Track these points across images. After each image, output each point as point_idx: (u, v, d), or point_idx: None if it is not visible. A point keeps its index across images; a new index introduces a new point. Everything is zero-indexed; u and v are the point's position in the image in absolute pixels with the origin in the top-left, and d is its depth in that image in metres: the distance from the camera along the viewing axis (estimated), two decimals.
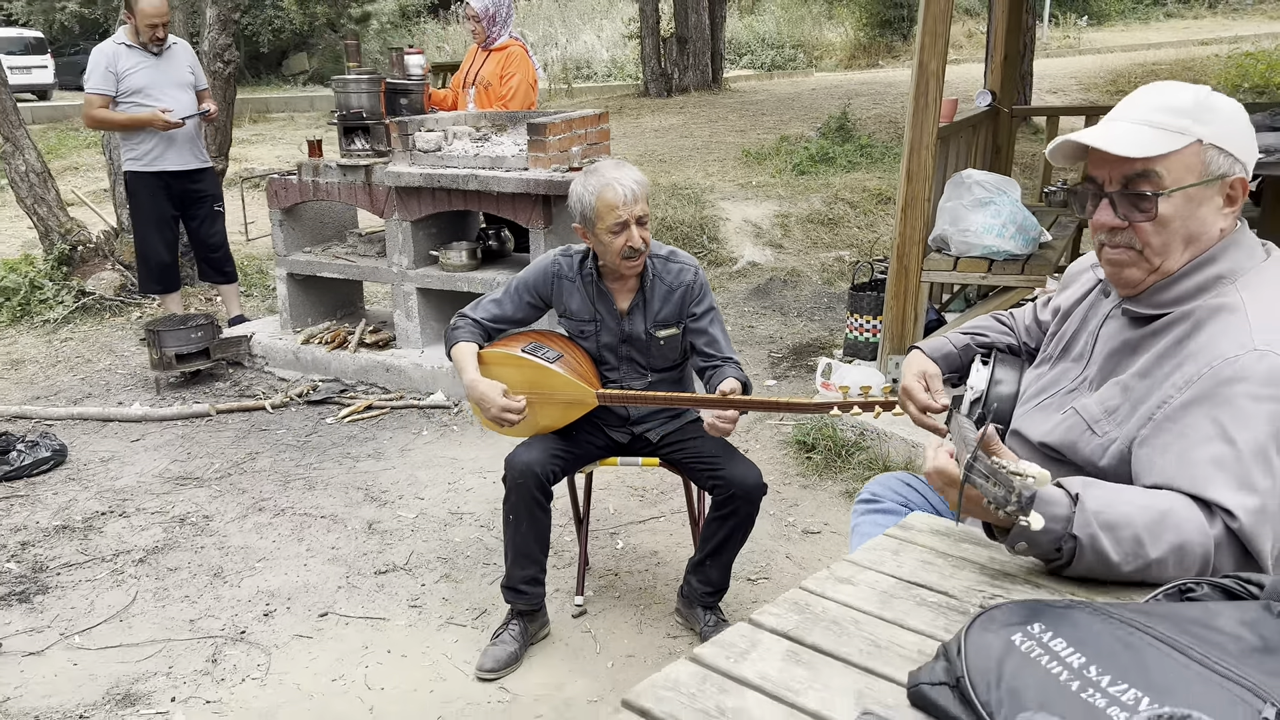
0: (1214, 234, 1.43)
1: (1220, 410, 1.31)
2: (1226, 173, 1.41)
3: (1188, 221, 1.41)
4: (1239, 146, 1.41)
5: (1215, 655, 0.98)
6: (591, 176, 2.50)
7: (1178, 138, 1.39)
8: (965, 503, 1.24)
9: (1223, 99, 1.43)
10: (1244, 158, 1.42)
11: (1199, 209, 1.41)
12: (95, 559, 3.27)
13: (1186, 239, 1.43)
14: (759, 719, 1.02)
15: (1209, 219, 1.42)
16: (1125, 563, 1.23)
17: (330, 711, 2.49)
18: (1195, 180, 1.40)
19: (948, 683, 1.03)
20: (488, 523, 3.46)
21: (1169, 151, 1.39)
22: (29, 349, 5.49)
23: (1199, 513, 1.26)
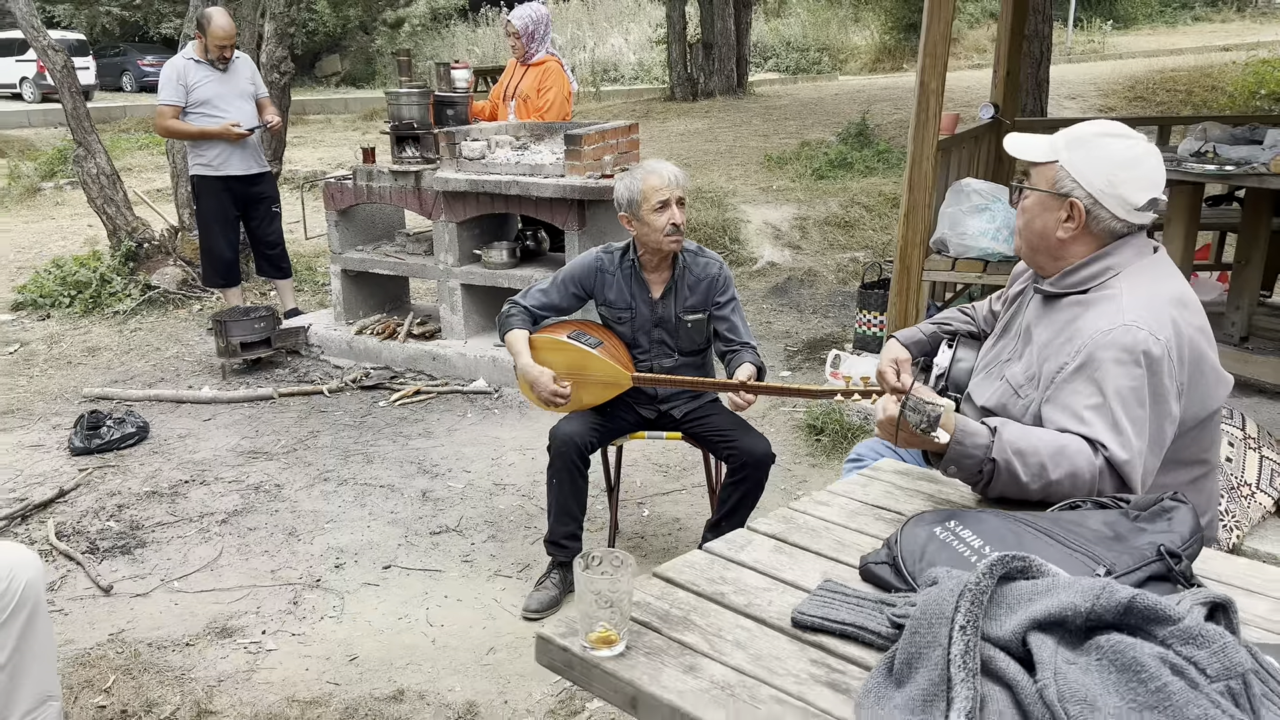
0: (1053, 239, 1.85)
1: (1096, 371, 1.70)
2: (1069, 192, 1.81)
3: (1033, 222, 1.86)
4: (1091, 178, 1.79)
5: (1076, 540, 1.38)
6: (637, 170, 2.96)
7: (1049, 153, 1.81)
8: (902, 434, 1.64)
9: (1117, 146, 1.81)
10: (1094, 188, 1.80)
11: (1042, 213, 1.85)
12: (183, 519, 3.72)
13: (1036, 232, 1.87)
14: (750, 585, 1.43)
15: (1050, 227, 1.85)
16: (1032, 483, 1.62)
17: (399, 643, 2.91)
18: (1045, 189, 1.82)
19: (887, 561, 1.43)
20: (528, 492, 3.87)
21: (1037, 161, 1.82)
22: (102, 338, 5.96)
23: (1087, 448, 1.65)
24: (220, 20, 5.42)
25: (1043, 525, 1.42)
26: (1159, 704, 0.96)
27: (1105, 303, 1.80)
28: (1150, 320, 1.73)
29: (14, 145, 14.35)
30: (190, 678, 2.75)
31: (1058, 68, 18.21)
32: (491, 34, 28.03)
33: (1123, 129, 1.85)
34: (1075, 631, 1.08)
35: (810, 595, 1.38)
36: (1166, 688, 0.96)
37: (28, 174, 10.88)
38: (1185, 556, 1.34)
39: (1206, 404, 1.86)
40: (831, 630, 1.30)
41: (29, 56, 23.55)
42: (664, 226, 2.93)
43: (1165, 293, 1.81)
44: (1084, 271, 1.86)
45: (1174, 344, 1.74)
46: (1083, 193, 1.83)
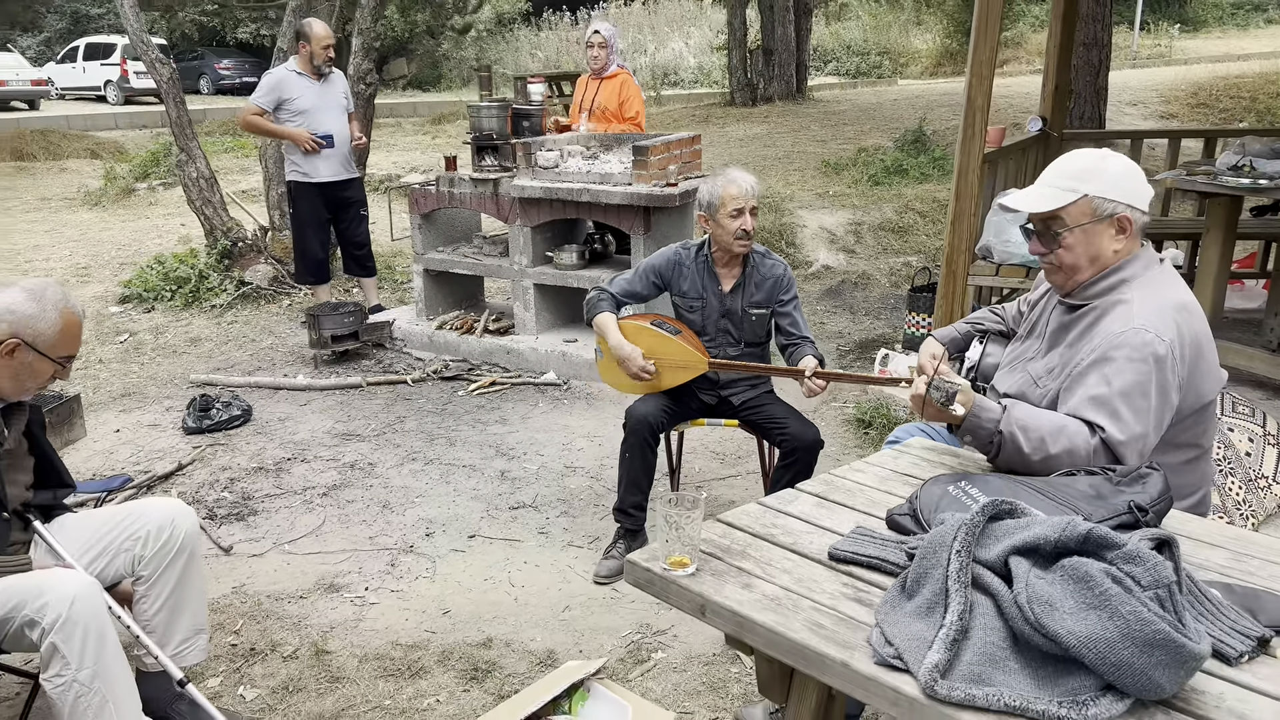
0: (1109, 254, 2.11)
1: (1106, 367, 2.00)
2: (1113, 212, 2.09)
3: (1088, 247, 2.10)
4: (1121, 194, 2.08)
5: (1063, 496, 1.69)
6: (719, 176, 3.32)
7: (1069, 194, 2.08)
8: (928, 409, 1.96)
9: (1116, 161, 2.12)
10: (1127, 200, 2.09)
11: (1096, 238, 2.10)
12: (288, 492, 4.15)
13: (1090, 258, 2.12)
14: (795, 529, 1.77)
15: (1104, 244, 2.11)
16: (1034, 454, 1.93)
17: (486, 599, 3.29)
18: (1087, 221, 2.09)
19: (909, 513, 1.76)
20: (596, 474, 4.23)
21: (1064, 204, 2.08)
22: (202, 329, 6.47)
23: (1085, 429, 1.96)
24: (320, 26, 5.91)
25: (1037, 485, 1.74)
26: (1101, 604, 1.28)
27: (1119, 308, 2.09)
28: (1158, 324, 2.02)
29: (105, 147, 15.12)
30: (306, 624, 3.16)
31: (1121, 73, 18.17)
32: (554, 38, 28.55)
33: (1103, 152, 2.16)
34: (1045, 556, 1.40)
35: (844, 536, 1.71)
36: (1107, 592, 1.28)
37: (122, 175, 11.54)
38: (1152, 511, 1.65)
39: (1202, 396, 2.15)
40: (860, 562, 1.63)
41: (113, 60, 24.63)
42: (736, 230, 3.28)
43: (1170, 300, 2.10)
44: (1101, 284, 2.15)
45: (1177, 345, 2.03)
46: (1122, 206, 2.11)
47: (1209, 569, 1.66)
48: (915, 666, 1.34)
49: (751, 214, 3.30)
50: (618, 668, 2.87)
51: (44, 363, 2.36)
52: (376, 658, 2.96)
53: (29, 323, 2.30)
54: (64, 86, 25.28)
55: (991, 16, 4.24)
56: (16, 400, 2.41)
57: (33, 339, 2.31)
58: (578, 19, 29.23)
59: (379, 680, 2.85)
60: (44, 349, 2.34)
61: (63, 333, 2.37)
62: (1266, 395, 4.62)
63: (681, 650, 2.97)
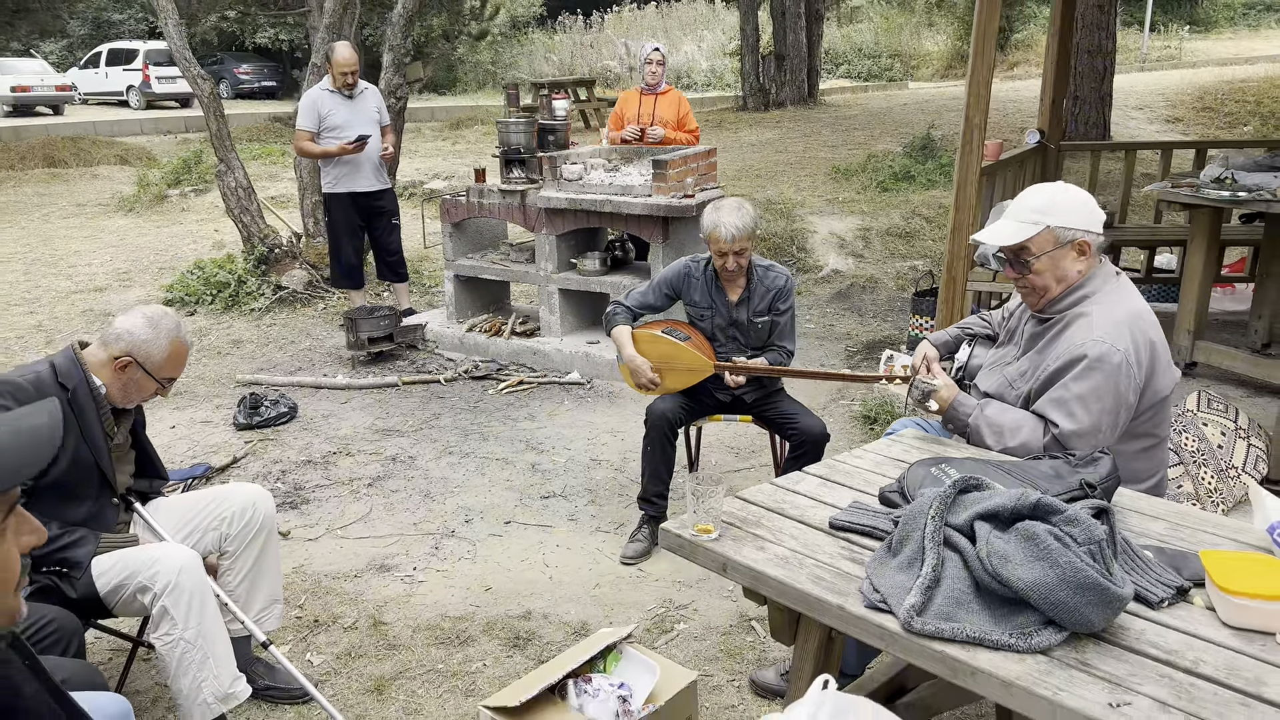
0: (1074, 273, 2.43)
1: (1067, 373, 2.32)
2: (1073, 238, 2.41)
3: (1055, 270, 2.43)
4: (1077, 222, 2.40)
5: (1026, 475, 2.02)
6: (716, 213, 3.59)
7: (1033, 227, 2.40)
8: (915, 405, 2.28)
9: (1070, 193, 2.44)
10: (1084, 226, 2.41)
11: (1060, 262, 2.42)
12: (336, 483, 4.49)
13: (1058, 279, 2.44)
14: (802, 504, 2.10)
15: (1068, 266, 2.43)
16: (995, 445, 2.28)
17: (523, 578, 3.62)
18: (1051, 248, 2.41)
19: (897, 489, 2.08)
20: (620, 466, 4.56)
21: (1029, 236, 2.40)
22: (243, 332, 6.83)
23: (1040, 426, 2.29)
24: (342, 51, 6.25)
25: (1006, 466, 2.06)
26: (1044, 556, 1.60)
27: (1080, 320, 2.41)
28: (1114, 335, 2.34)
29: (134, 153, 15.53)
30: (362, 599, 3.50)
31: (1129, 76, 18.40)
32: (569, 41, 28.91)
33: (1059, 185, 2.49)
34: (1003, 520, 1.72)
35: (843, 509, 2.04)
36: (1049, 547, 1.61)
37: (155, 182, 11.93)
38: (1100, 488, 1.97)
39: (1158, 392, 2.46)
40: (855, 530, 1.96)
41: (135, 66, 25.08)
42: (720, 267, 3.63)
43: (1125, 311, 2.42)
44: (1067, 300, 2.47)
45: (1132, 351, 2.35)
46: (1080, 232, 2.44)
47: (1150, 536, 1.98)
48: (897, 608, 1.66)
49: (736, 255, 3.59)
50: (644, 637, 3.21)
51: (149, 381, 2.70)
52: (428, 628, 3.30)
53: (143, 346, 2.65)
54: (87, 91, 25.74)
55: (987, 41, 4.56)
56: (124, 407, 2.76)
57: (144, 360, 2.65)
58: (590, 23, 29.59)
59: (431, 648, 3.19)
60: (151, 370, 2.68)
61: (170, 358, 2.70)
62: (1248, 393, 4.92)
63: (701, 622, 3.30)
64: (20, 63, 24.07)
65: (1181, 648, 1.60)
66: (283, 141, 15.73)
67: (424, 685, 3.00)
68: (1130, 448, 2.46)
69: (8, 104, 22.77)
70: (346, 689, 3.00)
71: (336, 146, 6.18)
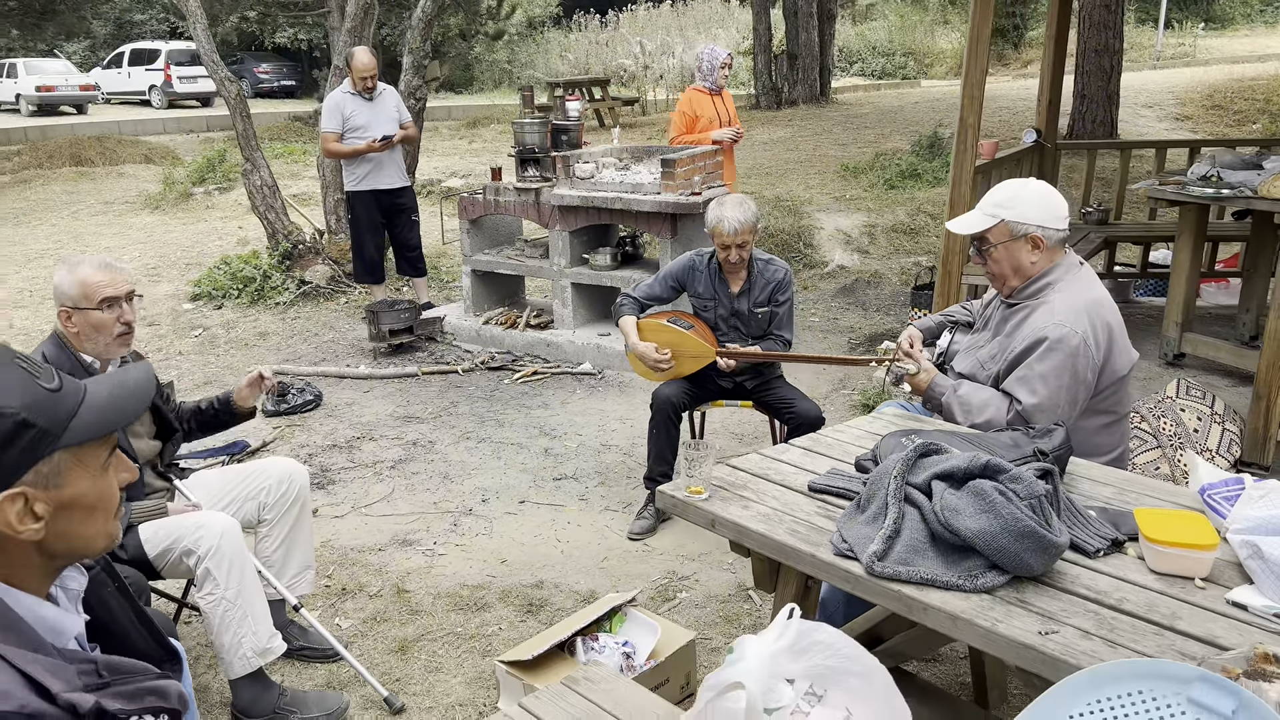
0: (1028, 265, 2.65)
1: (1031, 354, 2.54)
2: (1026, 233, 2.63)
3: (1009, 260, 2.65)
4: (1033, 218, 2.62)
5: (986, 444, 2.24)
6: (720, 208, 3.82)
7: (990, 219, 2.63)
8: (890, 385, 2.51)
9: (1031, 189, 2.66)
10: (1038, 222, 2.62)
11: (1015, 253, 2.65)
12: (360, 465, 4.75)
13: (1013, 269, 2.66)
14: (785, 471, 2.33)
15: (1023, 258, 2.65)
16: (964, 421, 2.50)
17: (537, 552, 3.87)
18: (1006, 240, 2.63)
19: (871, 458, 2.31)
20: (628, 451, 4.80)
21: (987, 227, 2.63)
22: (268, 325, 7.10)
23: (1005, 403, 2.51)
24: (361, 56, 6.50)
25: (970, 437, 2.29)
26: (989, 509, 1.83)
27: (1043, 308, 2.64)
28: (1073, 320, 2.56)
29: (157, 152, 15.88)
30: (386, 570, 3.75)
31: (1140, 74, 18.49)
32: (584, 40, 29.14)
33: (1023, 181, 2.70)
34: (957, 479, 1.95)
35: (821, 475, 2.27)
36: (994, 501, 1.83)
37: (180, 180, 12.24)
38: (1052, 455, 2.19)
39: (1116, 372, 2.68)
40: (831, 492, 2.19)
41: (157, 66, 25.49)
42: (724, 259, 3.85)
43: (1085, 298, 2.63)
44: (1032, 288, 2.70)
45: (1090, 334, 2.57)
46: (1034, 227, 2.66)
47: (1097, 499, 2.20)
48: (861, 555, 1.89)
49: (738, 248, 3.83)
50: (648, 604, 3.44)
51: (93, 314, 2.76)
52: (448, 595, 3.55)
53: (63, 289, 2.77)
54: (110, 91, 26.16)
55: (980, 45, 4.76)
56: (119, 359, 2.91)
57: (72, 300, 2.75)
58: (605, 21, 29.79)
59: (451, 613, 3.44)
60: (85, 304, 2.75)
61: (82, 282, 2.76)
62: (1233, 383, 5.11)
63: (702, 591, 3.53)
64: (45, 63, 24.54)
65: (1110, 589, 1.82)
66: (302, 140, 16.06)
67: (444, 646, 3.25)
68: (1093, 424, 2.68)
69: (33, 103, 23.22)
70: (373, 649, 3.25)
71: (364, 144, 6.44)
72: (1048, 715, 1.37)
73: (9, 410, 1.22)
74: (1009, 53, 25.65)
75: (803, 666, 1.57)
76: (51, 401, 1.27)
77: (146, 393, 1.39)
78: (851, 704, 1.54)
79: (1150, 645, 1.64)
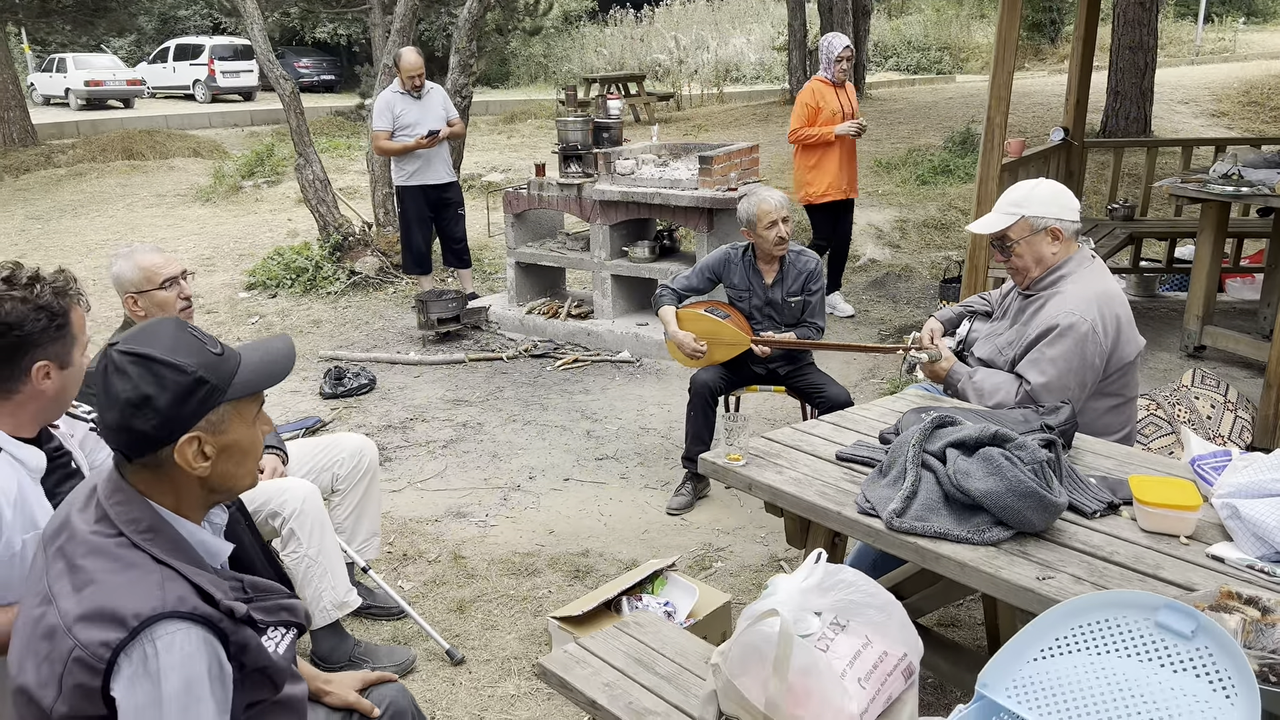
0: (1050, 255, 2.88)
1: (1043, 339, 2.77)
2: (1047, 226, 2.85)
3: (1031, 253, 2.88)
4: (1049, 211, 2.85)
5: (999, 420, 2.48)
6: (753, 197, 4.08)
7: (1010, 217, 2.86)
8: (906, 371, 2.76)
9: (1044, 187, 2.88)
10: (1055, 215, 2.85)
11: (1036, 247, 2.87)
12: (414, 444, 5.05)
13: (1035, 260, 2.89)
14: (816, 443, 2.58)
15: (1044, 250, 2.88)
16: (978, 402, 2.74)
17: (581, 524, 4.14)
18: (1027, 235, 2.86)
19: (893, 431, 2.56)
20: (666, 434, 5.06)
21: (1007, 225, 2.85)
22: (321, 313, 7.43)
23: (1016, 384, 2.74)
24: (409, 57, 6.80)
25: (982, 413, 2.52)
26: (996, 472, 2.07)
27: (1056, 297, 2.87)
28: (1083, 309, 2.79)
29: (205, 146, 16.32)
30: (443, 539, 4.04)
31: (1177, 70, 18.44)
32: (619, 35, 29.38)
33: (1035, 181, 2.93)
34: (969, 447, 2.19)
35: (848, 446, 2.52)
36: (1000, 465, 2.07)
37: (230, 174, 12.64)
38: (1058, 429, 2.43)
39: (1123, 358, 2.90)
40: (856, 460, 2.44)
41: (201, 61, 26.06)
42: (773, 239, 4.08)
43: (1095, 289, 2.86)
44: (1047, 280, 2.93)
45: (1098, 322, 2.79)
46: (1052, 220, 2.89)
47: (1099, 469, 2.43)
48: (882, 512, 2.14)
49: (784, 223, 4.08)
50: (686, 571, 3.70)
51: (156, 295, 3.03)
52: (501, 561, 3.83)
53: (124, 277, 3.03)
54: (155, 86, 26.76)
55: (1008, 47, 4.97)
56: None
57: (134, 285, 3.02)
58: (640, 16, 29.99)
59: (504, 577, 3.72)
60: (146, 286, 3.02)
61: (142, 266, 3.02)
62: (1251, 374, 5.28)
63: (736, 561, 3.79)
64: (93, 58, 25.15)
65: (1103, 544, 2.06)
66: (344, 135, 16.43)
67: (499, 606, 3.53)
68: (1102, 405, 2.90)
69: (82, 98, 23.84)
70: (433, 609, 3.54)
71: (413, 141, 6.74)
72: (1037, 637, 1.61)
73: (190, 369, 1.51)
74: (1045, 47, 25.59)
75: (829, 601, 1.82)
76: (218, 363, 1.55)
77: (289, 360, 1.67)
78: (870, 633, 1.79)
79: (1135, 590, 1.88)
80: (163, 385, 1.49)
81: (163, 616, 1.44)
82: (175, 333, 1.55)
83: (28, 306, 1.94)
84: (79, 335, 2.07)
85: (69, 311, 2.02)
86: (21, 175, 14.29)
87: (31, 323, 1.94)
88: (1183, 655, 1.52)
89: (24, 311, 1.93)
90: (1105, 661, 1.56)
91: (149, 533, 1.53)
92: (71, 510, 1.58)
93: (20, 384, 1.96)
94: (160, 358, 1.50)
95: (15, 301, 1.93)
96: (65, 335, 2.01)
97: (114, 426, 1.51)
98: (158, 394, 1.49)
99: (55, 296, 1.99)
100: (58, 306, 1.99)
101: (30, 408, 1.99)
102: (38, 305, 1.95)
